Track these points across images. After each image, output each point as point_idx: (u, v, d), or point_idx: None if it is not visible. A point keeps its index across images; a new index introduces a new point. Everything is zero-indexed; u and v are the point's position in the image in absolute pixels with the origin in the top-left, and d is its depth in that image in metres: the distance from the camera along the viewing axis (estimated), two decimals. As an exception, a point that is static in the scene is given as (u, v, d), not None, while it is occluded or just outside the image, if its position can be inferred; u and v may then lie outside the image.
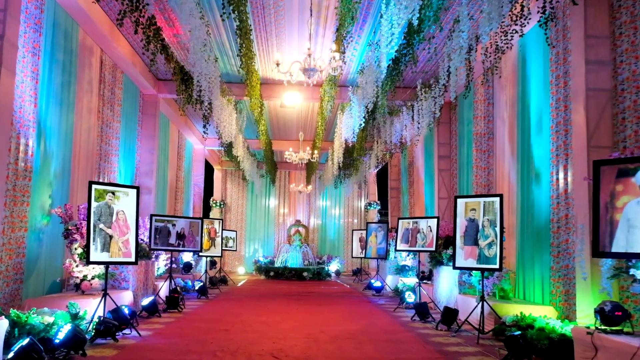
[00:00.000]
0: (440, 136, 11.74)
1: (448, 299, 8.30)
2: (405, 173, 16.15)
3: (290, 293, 11.65)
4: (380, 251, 12.72)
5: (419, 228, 8.96)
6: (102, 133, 8.91)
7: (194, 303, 9.23)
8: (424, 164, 13.81)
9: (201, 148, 17.11)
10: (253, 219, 21.75)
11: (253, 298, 10.49)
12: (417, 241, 8.95)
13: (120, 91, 9.71)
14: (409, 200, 15.64)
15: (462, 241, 6.39)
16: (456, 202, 6.53)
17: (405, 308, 8.75)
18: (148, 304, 7.25)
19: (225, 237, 15.05)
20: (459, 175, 11.05)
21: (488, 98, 9.38)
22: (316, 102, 11.99)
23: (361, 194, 21.88)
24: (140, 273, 7.87)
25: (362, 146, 13.13)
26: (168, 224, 8.71)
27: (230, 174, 21.80)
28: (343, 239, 21.64)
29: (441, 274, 8.72)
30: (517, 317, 5.86)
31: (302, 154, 11.64)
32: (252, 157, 16.42)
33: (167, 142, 13.28)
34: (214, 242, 12.15)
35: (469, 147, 10.34)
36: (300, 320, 7.33)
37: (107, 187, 5.80)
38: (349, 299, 10.63)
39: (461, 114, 10.96)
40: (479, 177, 9.57)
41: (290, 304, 9.31)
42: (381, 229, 12.81)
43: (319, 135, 12.28)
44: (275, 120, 14.45)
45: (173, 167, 14.09)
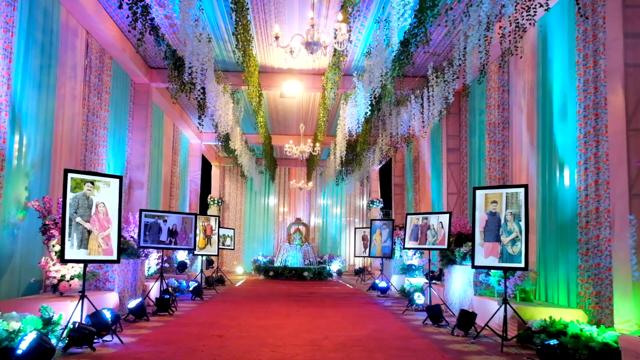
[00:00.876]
0: (449, 128, 11.11)
1: (461, 300, 7.67)
2: (410, 169, 15.52)
3: (290, 294, 11.02)
4: (385, 250, 12.09)
5: (429, 224, 8.33)
6: (88, 122, 8.27)
7: (187, 305, 8.60)
8: (430, 158, 13.17)
9: (198, 143, 16.47)
10: (252, 217, 21.12)
11: (251, 299, 9.86)
12: (427, 238, 8.32)
13: (109, 78, 9.07)
14: (414, 197, 15.01)
15: (482, 237, 5.75)
16: (475, 194, 5.90)
17: (414, 310, 8.12)
18: (135, 306, 6.61)
19: (222, 235, 14.43)
20: (469, 168, 10.41)
21: (503, 85, 8.75)
22: (318, 92, 11.36)
23: (363, 191, 21.26)
24: (127, 272, 7.24)
25: (365, 140, 12.50)
26: (159, 220, 8.08)
27: (228, 171, 21.18)
28: (345, 238, 21.02)
29: (453, 273, 8.09)
30: (545, 322, 5.23)
31: (302, 146, 11.00)
32: (251, 152, 15.79)
33: (161, 135, 12.64)
34: (210, 240, 11.52)
35: (481, 139, 9.71)
36: (301, 325, 6.70)
37: (85, 176, 5.17)
38: (353, 301, 10.00)
39: (472, 103, 10.33)
40: (493, 169, 8.94)
41: (291, 306, 8.68)
42: (386, 227, 12.18)
43: (321, 128, 11.66)
44: (274, 112, 13.82)
45: (168, 162, 13.45)
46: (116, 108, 9.57)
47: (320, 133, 11.98)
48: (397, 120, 10.46)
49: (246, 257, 20.49)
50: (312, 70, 10.78)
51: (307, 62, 10.40)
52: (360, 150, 13.08)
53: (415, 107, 9.05)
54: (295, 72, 10.81)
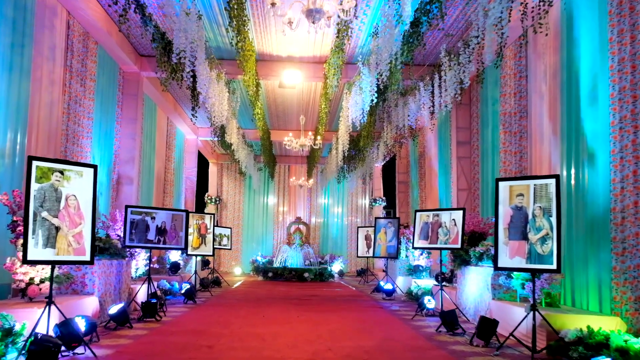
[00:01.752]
0: (459, 120, 10.43)
1: (477, 305, 7.00)
2: (415, 165, 14.85)
3: (290, 296, 10.34)
4: (390, 250, 11.42)
5: (440, 222, 7.65)
6: (70, 110, 7.61)
7: (178, 309, 7.93)
8: (437, 153, 12.51)
9: (194, 139, 15.80)
10: (251, 216, 20.45)
11: (248, 303, 9.18)
12: (438, 237, 7.64)
13: (94, 64, 8.41)
14: (419, 195, 14.35)
15: (507, 235, 5.08)
16: (497, 187, 5.22)
17: (425, 316, 7.44)
18: (116, 312, 5.94)
19: (218, 235, 13.76)
20: (481, 162, 9.74)
21: (520, 71, 8.08)
22: (319, 82, 10.69)
23: (365, 189, 20.58)
24: (109, 275, 6.57)
25: (369, 133, 11.81)
26: (146, 217, 7.41)
27: (226, 168, 20.51)
28: (346, 237, 20.34)
29: (468, 275, 7.41)
30: (581, 332, 4.56)
31: (303, 139, 10.31)
32: (249, 148, 15.12)
33: (153, 128, 11.97)
34: (205, 239, 10.85)
35: (495, 130, 9.04)
36: (302, 333, 6.03)
37: (53, 164, 4.49)
38: (356, 304, 9.32)
39: (484, 93, 9.65)
40: (508, 162, 8.27)
41: (290, 311, 8.00)
42: (391, 225, 11.50)
43: (322, 120, 10.99)
44: (273, 104, 13.14)
45: (161, 157, 12.78)
46: (102, 97, 8.91)
47: (321, 126, 11.32)
48: (404, 112, 9.79)
49: (245, 258, 19.82)
50: (313, 58, 10.11)
51: (307, 49, 9.76)
52: (363, 145, 12.39)
53: (424, 95, 8.37)
54: (296, 60, 10.14)
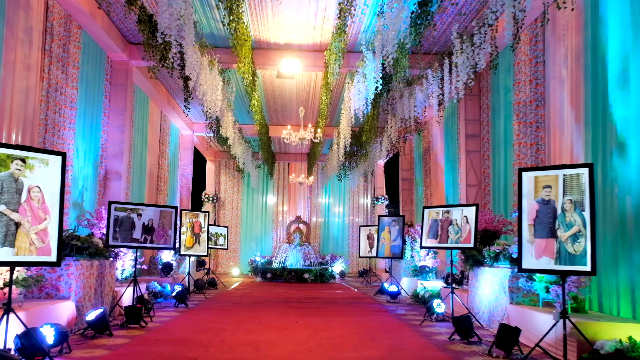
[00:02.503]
0: (468, 111, 9.84)
1: (491, 310, 6.41)
2: (420, 161, 14.26)
3: (289, 299, 9.75)
4: (394, 249, 10.82)
5: (451, 219, 7.06)
6: (49, 98, 7.02)
7: (167, 314, 7.35)
8: (443, 148, 11.92)
9: (189, 134, 15.21)
10: (249, 216, 19.87)
11: (243, 306, 8.59)
12: (448, 235, 7.05)
13: (78, 51, 7.82)
14: (424, 192, 13.75)
15: (532, 232, 4.48)
16: (520, 178, 4.62)
17: (435, 321, 6.85)
18: (95, 319, 5.35)
19: (214, 234, 13.19)
20: (492, 156, 9.15)
21: (536, 56, 7.49)
22: (319, 71, 10.10)
23: (367, 187, 19.99)
24: (89, 277, 5.98)
25: (372, 127, 11.22)
26: (132, 214, 6.82)
27: (224, 166, 19.93)
28: (348, 237, 19.74)
29: (481, 277, 6.81)
30: (620, 342, 3.96)
31: (302, 132, 9.72)
32: (246, 144, 14.53)
33: (145, 122, 11.38)
34: (199, 238, 10.26)
35: (508, 121, 8.45)
36: (300, 341, 5.44)
37: (13, 150, 3.90)
38: (360, 307, 8.73)
39: (495, 82, 9.06)
40: (523, 155, 7.68)
41: (289, 315, 7.41)
42: (396, 224, 10.90)
43: (323, 113, 10.39)
44: (271, 97, 12.54)
45: (154, 153, 12.19)
46: (88, 86, 8.33)
47: (322, 120, 10.73)
48: (410, 103, 9.19)
49: (243, 258, 19.25)
50: (313, 45, 9.53)
51: (307, 36, 9.18)
52: (366, 140, 11.80)
53: (433, 82, 7.77)
54: (294, 47, 9.55)
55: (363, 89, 7.79)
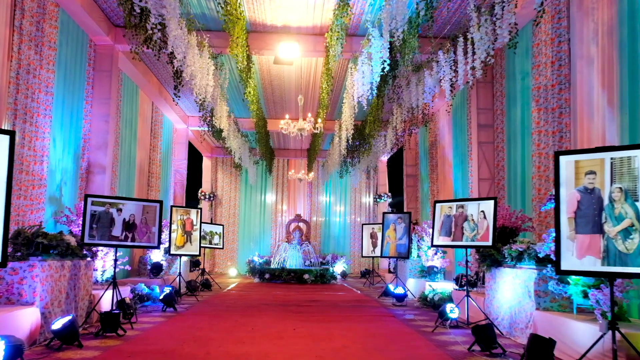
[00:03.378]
0: (480, 100, 9.14)
1: (513, 316, 5.70)
2: (426, 156, 13.55)
3: (287, 302, 9.06)
4: (400, 248, 10.12)
5: (466, 215, 6.36)
6: (20, 80, 6.32)
7: (152, 319, 6.65)
8: (452, 141, 11.22)
9: (183, 128, 14.52)
10: (247, 214, 19.18)
11: (237, 310, 7.90)
12: (463, 233, 6.35)
13: (55, 30, 7.12)
14: (430, 188, 13.05)
15: (573, 227, 3.77)
16: (557, 162, 3.92)
17: (449, 328, 6.15)
18: (61, 327, 4.65)
19: (209, 232, 12.50)
20: (507, 147, 8.45)
21: (559, 35, 6.78)
22: (320, 57, 9.41)
23: (369, 184, 19.29)
24: (58, 279, 5.28)
25: (376, 119, 10.53)
26: (111, 209, 6.12)
27: (221, 163, 19.25)
28: (349, 236, 19.05)
29: (500, 278, 6.10)
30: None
31: (301, 123, 9.01)
32: (243, 138, 13.82)
33: (134, 113, 10.69)
34: (190, 237, 9.56)
35: (525, 108, 7.76)
36: (298, 353, 4.75)
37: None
38: (364, 312, 8.03)
39: (510, 67, 8.37)
40: (544, 144, 6.98)
41: (286, 321, 6.72)
42: (402, 221, 10.20)
43: (324, 102, 9.69)
44: (269, 87, 11.83)
45: (144, 146, 11.49)
46: (67, 71, 7.64)
47: (322, 110, 10.03)
48: (418, 90, 8.50)
49: (241, 258, 18.57)
50: (313, 28, 8.84)
51: (306, 18, 8.50)
52: (369, 133, 11.11)
53: (445, 65, 7.08)
54: (293, 31, 8.86)
55: (368, 72, 7.09)
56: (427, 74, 7.71)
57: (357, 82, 7.49)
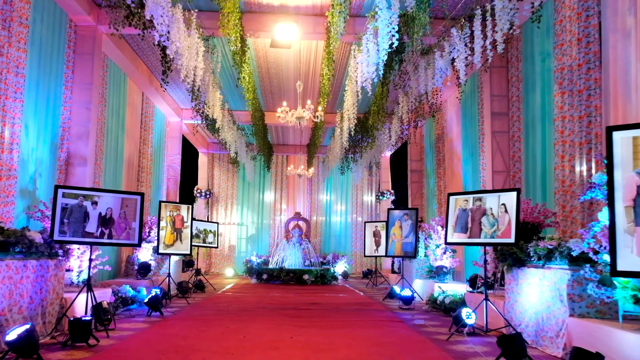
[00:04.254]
0: (493, 86, 8.44)
1: (540, 323, 5.01)
2: (431, 150, 12.87)
3: (285, 305, 8.37)
4: (406, 247, 9.43)
5: (484, 208, 5.67)
6: (-17, 58, 5.64)
7: (134, 325, 5.97)
8: (461, 132, 10.54)
9: (177, 121, 13.82)
10: (245, 212, 18.48)
11: (230, 315, 7.21)
12: (481, 229, 5.66)
13: (27, 5, 6.44)
14: (436, 184, 12.36)
15: (631, 217, 3.08)
16: (610, 139, 3.21)
17: (467, 335, 5.46)
18: (16, 338, 3.96)
19: (203, 230, 11.81)
20: (525, 136, 7.75)
21: (586, 9, 6.11)
22: (320, 40, 8.72)
23: (371, 181, 18.59)
24: (19, 282, 4.59)
25: (381, 108, 9.84)
26: (85, 202, 5.43)
27: (217, 159, 18.56)
28: (351, 235, 18.36)
29: (524, 280, 5.41)
30: None
31: (300, 111, 8.31)
32: (239, 131, 13.14)
33: (121, 102, 10.00)
34: (181, 235, 8.87)
35: (545, 93, 7.07)
36: (295, 367, 4.06)
37: None
38: (368, 316, 7.34)
39: (528, 49, 7.67)
40: (569, 130, 6.30)
41: (283, 327, 6.03)
42: (408, 218, 9.52)
43: (324, 89, 8.99)
44: (265, 75, 11.13)
45: (133, 138, 10.80)
46: (42, 52, 6.95)
47: (323, 99, 9.33)
48: (427, 75, 7.81)
49: (238, 258, 17.89)
50: (313, 8, 8.15)
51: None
52: (373, 124, 10.42)
53: (459, 43, 6.38)
54: (290, 10, 8.17)
55: (373, 51, 6.40)
56: (438, 55, 7.01)
57: (361, 64, 6.79)
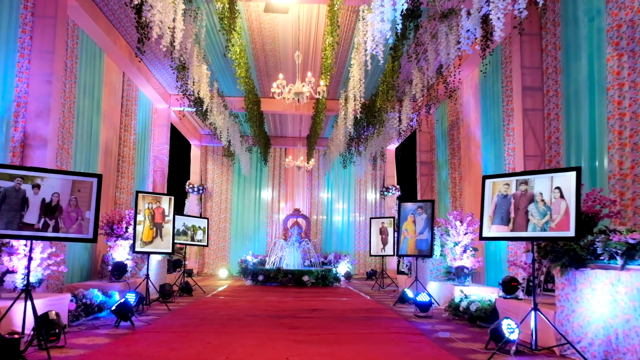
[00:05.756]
0: (524, 57, 7.25)
1: (613, 339, 3.83)
2: (444, 139, 11.69)
3: (281, 312, 7.18)
4: (421, 245, 8.25)
5: (532, 194, 4.48)
6: None
7: (92, 340, 4.79)
8: (480, 116, 9.36)
9: (165, 108, 12.62)
10: (241, 209, 17.29)
11: (215, 325, 6.03)
12: (529, 219, 4.47)
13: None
14: (449, 176, 11.18)
15: None
16: None
17: (512, 355, 4.27)
18: None
19: (191, 227, 10.63)
20: (566, 113, 6.55)
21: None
22: (322, 3, 7.54)
23: (375, 176, 17.41)
24: None
25: (391, 87, 8.66)
26: (24, 185, 4.25)
27: (211, 152, 17.37)
28: (353, 232, 17.16)
29: (586, 284, 4.22)
30: None
31: (298, 86, 7.09)
32: (232, 118, 11.96)
33: (96, 80, 8.81)
34: (161, 231, 7.68)
35: (593, 59, 5.89)
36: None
37: None
38: (381, 326, 6.15)
39: (569, 9, 6.48)
40: (628, 101, 5.12)
41: (277, 342, 4.86)
42: (422, 211, 8.34)
43: (327, 61, 7.80)
44: (260, 50, 9.93)
45: (111, 123, 9.61)
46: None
47: (325, 74, 8.14)
48: (448, 41, 6.63)
49: (233, 257, 16.70)
50: (314, -35, 6.97)
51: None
52: (381, 106, 9.23)
53: None
54: (288, -33, 6.99)
55: (389, 6, 5.22)
56: (465, 12, 5.81)
57: (372, 25, 5.60)
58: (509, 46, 7.58)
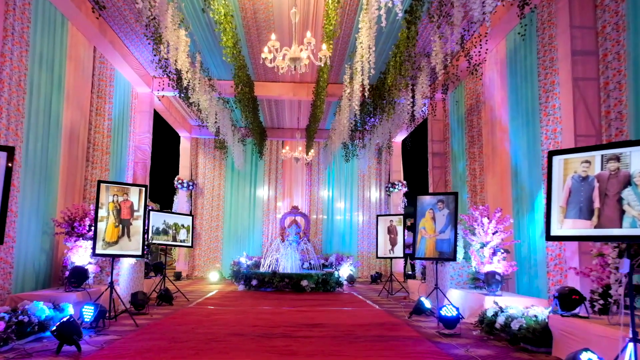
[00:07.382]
0: (573, 16, 5.90)
1: None
2: (460, 126, 10.36)
3: (273, 330, 5.83)
4: (442, 246, 6.92)
5: (628, 174, 3.14)
6: None
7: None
8: (507, 96, 8.02)
9: (147, 93, 11.25)
10: (234, 207, 15.93)
11: (188, 349, 4.69)
12: (623, 210, 3.13)
13: None
14: (467, 167, 9.84)
15: None
16: None
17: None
18: None
19: (172, 225, 9.30)
20: (632, 81, 5.20)
21: None
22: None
23: (380, 171, 16.08)
24: None
25: (405, 59, 7.32)
26: None
27: (202, 145, 16.03)
28: (356, 232, 15.82)
29: None
30: None
31: (295, 50, 5.68)
32: (222, 102, 10.61)
33: (57, 52, 7.45)
34: (129, 229, 6.32)
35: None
36: None
37: None
38: (400, 351, 4.80)
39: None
40: None
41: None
42: (443, 206, 7.01)
43: (330, 23, 6.45)
44: (252, 23, 8.58)
45: (77, 104, 8.25)
46: None
47: (328, 39, 6.79)
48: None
49: (226, 259, 15.36)
50: None
51: None
52: (392, 83, 7.89)
53: None
54: None
55: None
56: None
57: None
58: (554, 3, 6.22)
